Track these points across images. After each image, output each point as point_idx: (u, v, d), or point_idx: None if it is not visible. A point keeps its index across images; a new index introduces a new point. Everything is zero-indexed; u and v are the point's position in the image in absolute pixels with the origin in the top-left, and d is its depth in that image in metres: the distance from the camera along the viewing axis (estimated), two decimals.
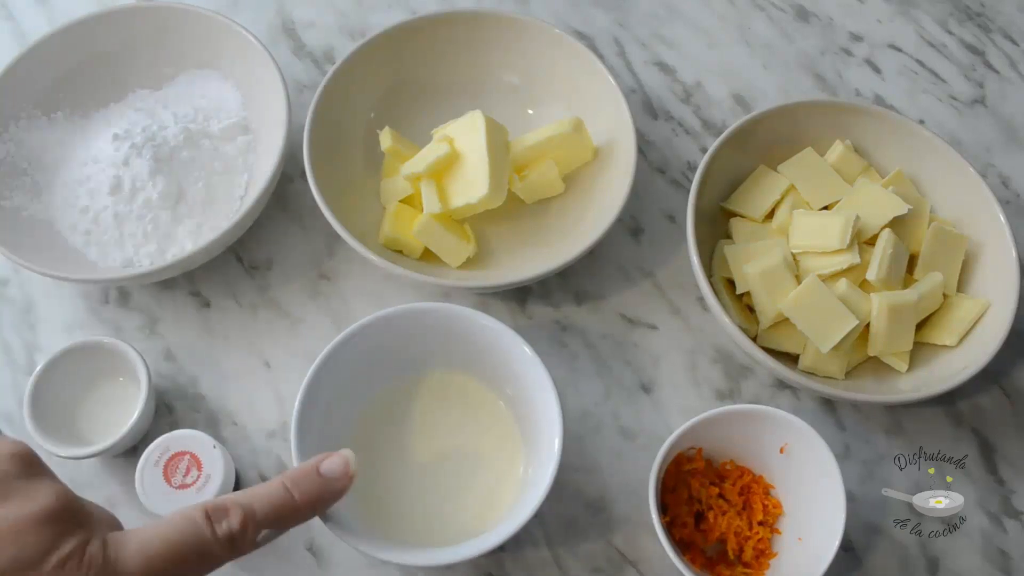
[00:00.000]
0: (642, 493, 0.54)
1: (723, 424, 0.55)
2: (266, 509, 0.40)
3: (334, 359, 0.53)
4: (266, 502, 0.40)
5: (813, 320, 0.58)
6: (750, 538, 0.55)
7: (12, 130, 0.67)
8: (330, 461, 0.44)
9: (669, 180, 0.72)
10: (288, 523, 0.41)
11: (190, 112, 0.68)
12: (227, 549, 0.39)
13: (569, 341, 0.65)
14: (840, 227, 0.59)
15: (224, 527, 0.38)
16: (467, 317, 0.55)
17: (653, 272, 0.67)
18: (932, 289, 0.61)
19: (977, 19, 0.81)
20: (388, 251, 0.64)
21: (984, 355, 0.57)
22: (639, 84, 0.76)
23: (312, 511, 0.43)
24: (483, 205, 0.62)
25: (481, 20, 0.71)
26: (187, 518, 0.38)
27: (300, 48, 0.78)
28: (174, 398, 0.62)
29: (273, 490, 0.41)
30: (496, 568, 0.57)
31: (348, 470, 0.44)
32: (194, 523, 0.38)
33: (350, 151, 0.68)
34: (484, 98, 0.71)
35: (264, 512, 0.40)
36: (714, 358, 0.64)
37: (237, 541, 0.39)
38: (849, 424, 0.62)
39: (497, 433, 0.57)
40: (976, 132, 0.75)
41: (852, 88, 0.77)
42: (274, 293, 0.66)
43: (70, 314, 0.66)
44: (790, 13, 0.81)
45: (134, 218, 0.63)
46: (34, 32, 0.77)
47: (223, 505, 0.39)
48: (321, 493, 0.43)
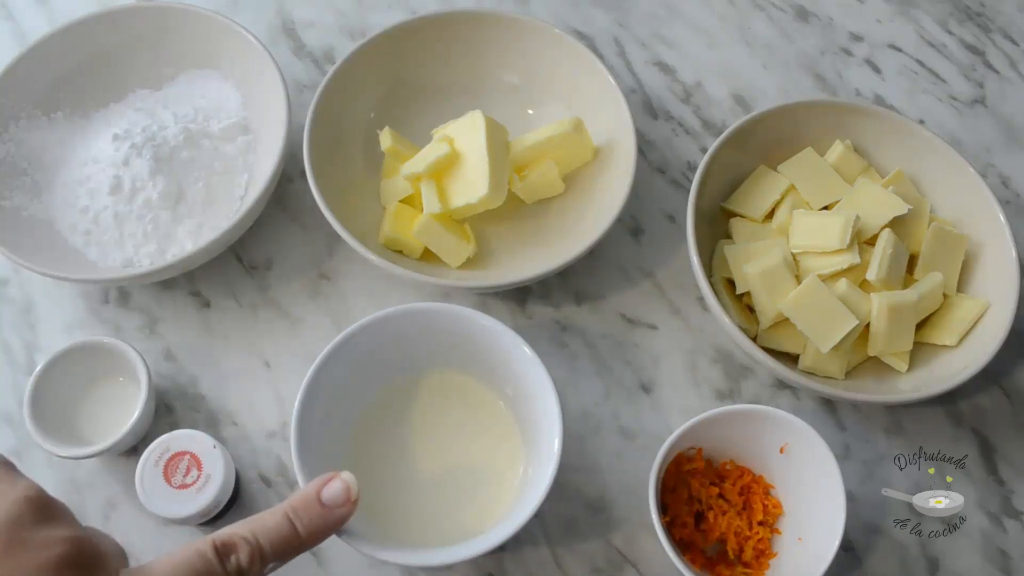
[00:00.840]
0: (642, 493, 0.54)
1: (723, 424, 0.55)
2: (273, 544, 0.40)
3: (334, 359, 0.53)
4: (273, 536, 0.41)
5: (813, 320, 0.58)
6: (750, 538, 0.55)
7: (12, 130, 0.67)
8: (331, 488, 0.44)
9: (669, 180, 0.72)
10: (292, 555, 0.42)
11: (190, 112, 0.68)
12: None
13: (569, 341, 0.65)
14: (840, 227, 0.59)
15: (233, 563, 0.39)
16: (467, 317, 0.55)
17: (653, 272, 0.67)
18: (932, 289, 0.61)
19: (977, 19, 0.81)
20: (388, 251, 0.64)
21: (984, 355, 0.57)
22: (639, 84, 0.76)
23: (315, 542, 0.43)
24: (483, 205, 0.62)
25: (481, 20, 0.71)
26: (198, 553, 0.38)
27: (300, 48, 0.78)
28: (174, 398, 0.62)
29: (279, 524, 0.41)
30: (496, 568, 0.57)
31: (350, 496, 0.44)
32: (205, 559, 0.38)
33: (350, 151, 0.68)
34: (484, 98, 0.71)
35: (271, 548, 0.40)
36: (714, 358, 0.64)
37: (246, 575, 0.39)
38: (849, 424, 0.62)
39: (497, 433, 0.57)
40: (976, 132, 0.75)
41: (852, 88, 0.77)
42: (274, 293, 0.66)
43: (70, 314, 0.66)
44: (790, 13, 0.81)
45: (134, 218, 0.63)
46: (34, 32, 0.77)
47: (232, 541, 0.39)
48: (324, 523, 0.43)
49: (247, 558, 0.39)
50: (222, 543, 0.39)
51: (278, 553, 0.41)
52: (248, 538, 0.40)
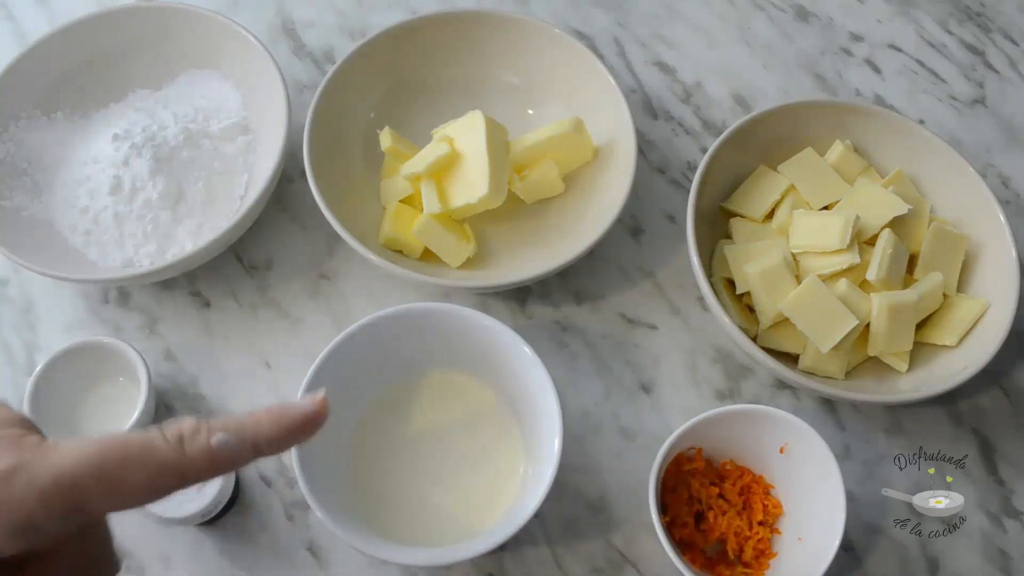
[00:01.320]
0: (642, 493, 0.54)
1: (723, 424, 0.55)
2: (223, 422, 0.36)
3: (334, 359, 0.53)
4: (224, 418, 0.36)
5: (813, 320, 0.58)
6: (750, 538, 0.55)
7: (12, 130, 0.67)
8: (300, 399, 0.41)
9: (669, 180, 0.72)
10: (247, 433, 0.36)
11: (190, 112, 0.68)
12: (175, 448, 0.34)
13: (569, 341, 0.65)
14: (840, 227, 0.59)
15: (174, 427, 0.34)
16: (467, 317, 0.55)
17: (653, 272, 0.67)
18: (932, 289, 0.61)
19: (977, 19, 0.81)
20: (388, 251, 0.64)
21: (984, 355, 0.57)
22: (639, 84, 0.76)
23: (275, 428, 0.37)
24: (483, 205, 0.62)
25: (481, 20, 0.71)
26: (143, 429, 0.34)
27: (300, 48, 0.78)
28: (174, 398, 0.62)
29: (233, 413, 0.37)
30: (496, 568, 0.57)
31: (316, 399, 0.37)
32: (145, 429, 0.34)
33: (350, 151, 0.68)
34: (484, 98, 0.71)
35: (220, 420, 0.36)
36: (714, 358, 0.64)
37: (186, 441, 0.34)
38: (849, 424, 0.62)
39: (497, 433, 0.57)
40: (976, 132, 0.75)
41: (852, 88, 0.77)
42: (274, 293, 0.66)
43: (70, 314, 0.66)
44: (790, 13, 0.81)
45: (134, 218, 0.63)
46: (34, 32, 0.77)
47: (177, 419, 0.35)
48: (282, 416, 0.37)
49: (190, 424, 0.34)
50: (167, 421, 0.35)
51: (229, 424, 0.35)
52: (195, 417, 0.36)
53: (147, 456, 0.33)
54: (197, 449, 0.34)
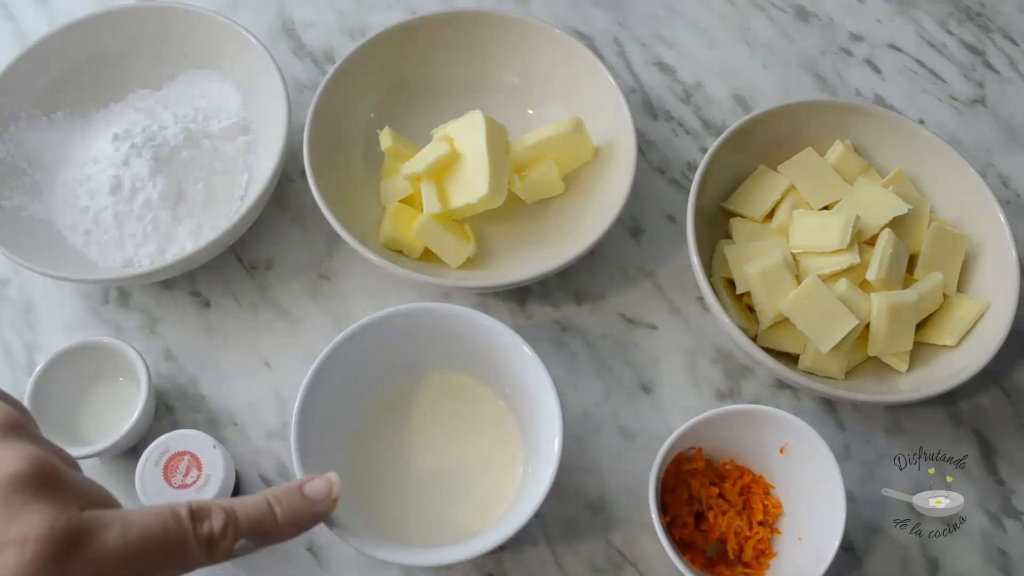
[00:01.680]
0: (642, 493, 0.54)
1: (723, 424, 0.55)
2: (248, 518, 0.40)
3: (334, 359, 0.53)
4: (250, 511, 0.41)
5: (813, 320, 0.58)
6: (750, 538, 0.55)
7: (12, 130, 0.67)
8: (314, 483, 0.44)
9: (669, 180, 0.72)
10: (266, 537, 0.42)
11: (190, 112, 0.68)
12: (204, 550, 0.38)
13: (569, 341, 0.65)
14: (840, 227, 0.59)
15: (205, 528, 0.38)
16: (467, 317, 0.55)
17: (653, 272, 0.67)
18: (932, 289, 0.61)
19: (977, 19, 0.81)
20: (388, 251, 0.64)
21: (984, 355, 0.57)
22: (639, 84, 0.76)
23: (292, 529, 0.43)
24: (483, 205, 0.62)
25: (481, 20, 0.71)
26: (173, 511, 0.38)
27: (300, 48, 0.78)
28: (174, 398, 0.62)
29: (257, 504, 0.41)
30: (496, 568, 0.57)
31: (331, 494, 0.44)
32: (178, 517, 0.38)
33: (350, 151, 0.68)
34: (484, 98, 0.71)
35: (245, 521, 0.40)
36: (714, 358, 0.64)
37: (216, 544, 0.39)
38: (849, 424, 0.62)
39: (497, 433, 0.57)
40: (976, 132, 0.75)
41: (852, 88, 0.77)
42: (274, 293, 0.66)
43: (70, 314, 0.66)
44: (790, 13, 0.81)
45: (134, 218, 0.63)
46: (34, 32, 0.77)
47: (207, 506, 0.39)
48: (302, 513, 0.43)
49: (220, 525, 0.39)
50: (197, 507, 0.39)
51: (252, 528, 0.40)
52: (224, 507, 0.39)
53: (181, 558, 0.38)
54: (221, 552, 0.39)
